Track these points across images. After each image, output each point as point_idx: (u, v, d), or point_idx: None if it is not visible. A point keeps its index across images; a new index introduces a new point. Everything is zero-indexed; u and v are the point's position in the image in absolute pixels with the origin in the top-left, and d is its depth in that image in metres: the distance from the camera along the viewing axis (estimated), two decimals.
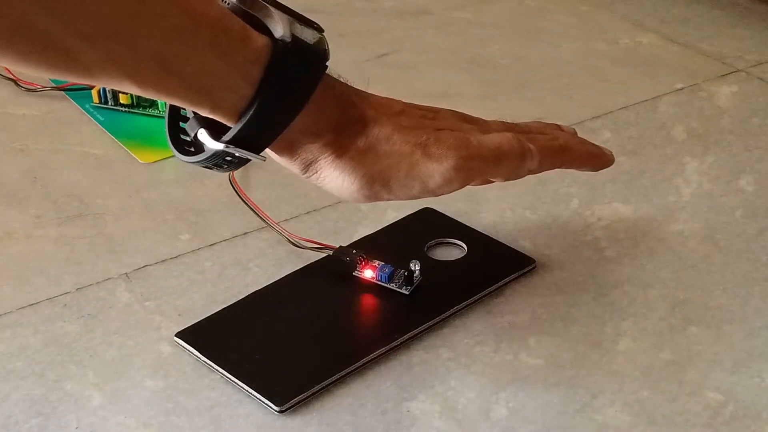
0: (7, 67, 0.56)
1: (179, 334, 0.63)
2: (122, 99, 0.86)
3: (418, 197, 0.59)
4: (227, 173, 0.77)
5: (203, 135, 0.55)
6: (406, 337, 0.63)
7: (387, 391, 0.60)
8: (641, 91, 0.89)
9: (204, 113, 0.54)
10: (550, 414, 0.58)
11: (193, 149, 0.57)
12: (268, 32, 0.54)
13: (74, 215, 0.75)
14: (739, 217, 0.73)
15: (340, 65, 0.94)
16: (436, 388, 0.60)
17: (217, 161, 0.56)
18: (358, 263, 0.67)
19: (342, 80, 0.59)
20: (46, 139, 0.84)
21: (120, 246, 0.72)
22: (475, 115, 0.64)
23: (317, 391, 0.59)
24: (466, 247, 0.70)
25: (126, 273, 0.69)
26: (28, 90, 0.90)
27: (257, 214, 0.73)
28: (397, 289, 0.66)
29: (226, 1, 0.55)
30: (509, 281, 0.67)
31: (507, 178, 0.61)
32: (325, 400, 0.59)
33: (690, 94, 0.88)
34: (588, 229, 0.72)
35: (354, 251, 0.67)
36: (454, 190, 0.59)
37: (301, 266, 0.68)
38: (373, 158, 0.57)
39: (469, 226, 0.72)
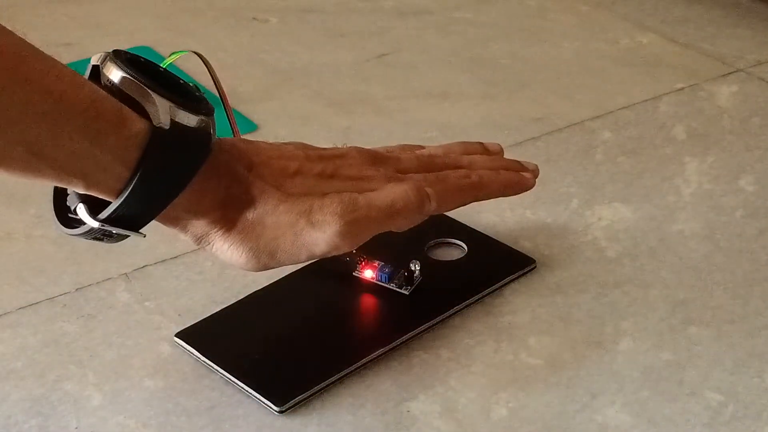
0: None
1: (179, 334, 0.63)
2: None
3: (311, 261, 0.59)
4: None
5: (81, 211, 0.55)
6: (406, 337, 0.63)
7: (387, 391, 0.60)
8: (641, 91, 0.89)
9: (80, 191, 0.54)
10: (550, 414, 0.58)
11: (76, 223, 0.56)
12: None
13: None
14: (740, 217, 0.73)
15: (340, 65, 0.95)
16: (436, 388, 0.60)
17: (97, 235, 0.56)
18: (358, 263, 0.67)
19: (232, 151, 0.58)
20: None
21: (120, 246, 0.71)
22: (392, 148, 0.64)
23: (317, 391, 0.59)
24: (466, 247, 0.70)
25: (126, 273, 0.69)
26: None
27: None
28: (397, 289, 0.66)
29: (110, 82, 0.54)
30: (509, 281, 0.67)
31: (405, 228, 0.61)
32: (325, 400, 0.59)
33: (690, 94, 0.88)
34: (588, 229, 0.72)
35: (354, 251, 0.67)
36: (348, 251, 0.60)
37: (301, 266, 0.68)
38: (260, 231, 0.57)
39: (469, 226, 0.72)
